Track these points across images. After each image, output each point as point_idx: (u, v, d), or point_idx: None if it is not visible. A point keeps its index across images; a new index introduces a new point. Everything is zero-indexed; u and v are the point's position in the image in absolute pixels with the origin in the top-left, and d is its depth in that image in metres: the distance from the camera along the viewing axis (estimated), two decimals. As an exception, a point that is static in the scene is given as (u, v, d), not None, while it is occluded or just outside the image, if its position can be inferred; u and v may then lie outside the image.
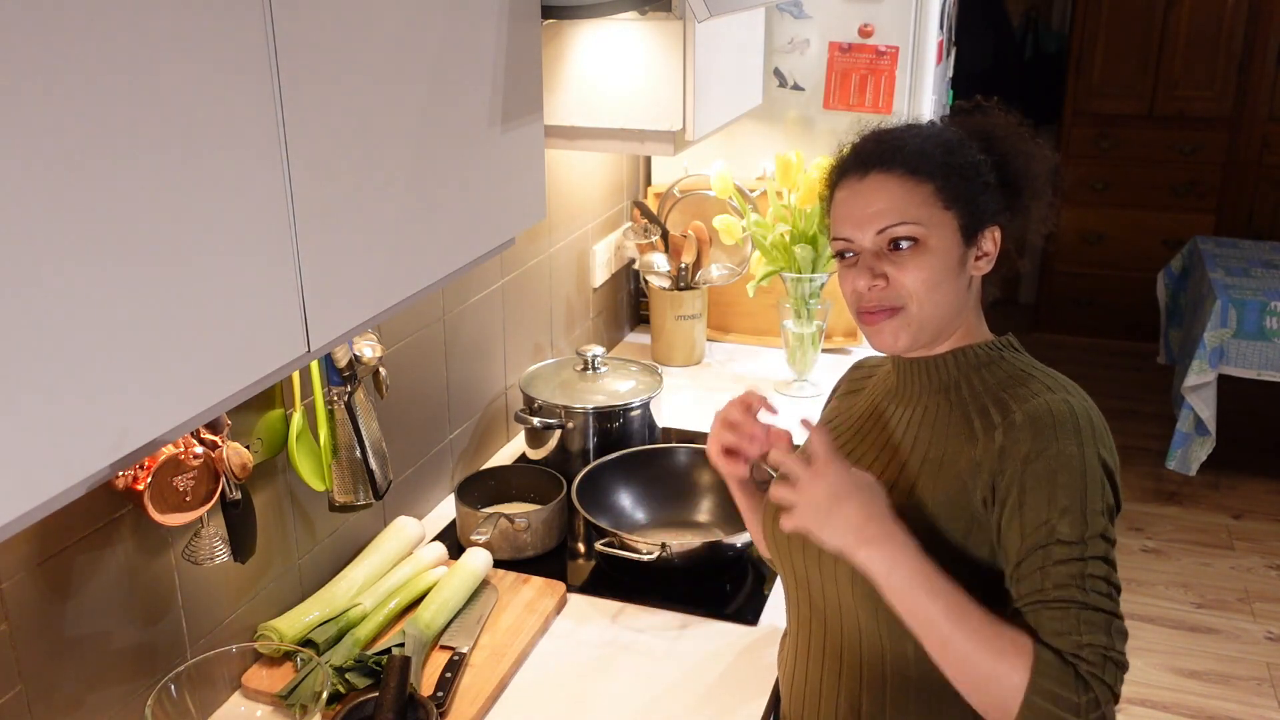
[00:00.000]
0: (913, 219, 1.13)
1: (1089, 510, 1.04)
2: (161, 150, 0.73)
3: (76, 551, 1.16)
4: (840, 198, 1.19)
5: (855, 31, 2.37)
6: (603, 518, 1.70)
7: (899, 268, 1.13)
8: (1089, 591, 1.01)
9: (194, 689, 1.27)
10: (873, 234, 1.14)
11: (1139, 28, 4.69)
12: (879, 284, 1.14)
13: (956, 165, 1.15)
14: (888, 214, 1.13)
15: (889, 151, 1.16)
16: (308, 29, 0.86)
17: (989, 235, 1.17)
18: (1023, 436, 1.07)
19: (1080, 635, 1.00)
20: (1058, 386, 1.12)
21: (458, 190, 1.11)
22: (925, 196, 1.13)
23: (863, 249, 1.15)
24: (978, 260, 1.17)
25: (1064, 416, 1.07)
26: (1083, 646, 0.99)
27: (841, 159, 1.21)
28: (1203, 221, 4.81)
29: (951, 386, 1.17)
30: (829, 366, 2.40)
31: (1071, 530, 1.03)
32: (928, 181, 1.13)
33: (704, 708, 1.38)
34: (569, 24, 1.72)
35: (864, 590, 1.13)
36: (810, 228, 2.22)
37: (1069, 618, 1.00)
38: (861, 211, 1.15)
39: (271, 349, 0.87)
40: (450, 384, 1.87)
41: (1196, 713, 2.83)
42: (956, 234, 1.14)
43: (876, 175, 1.15)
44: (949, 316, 1.16)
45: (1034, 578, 1.03)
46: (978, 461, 1.10)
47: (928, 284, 1.13)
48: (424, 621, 1.46)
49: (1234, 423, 3.93)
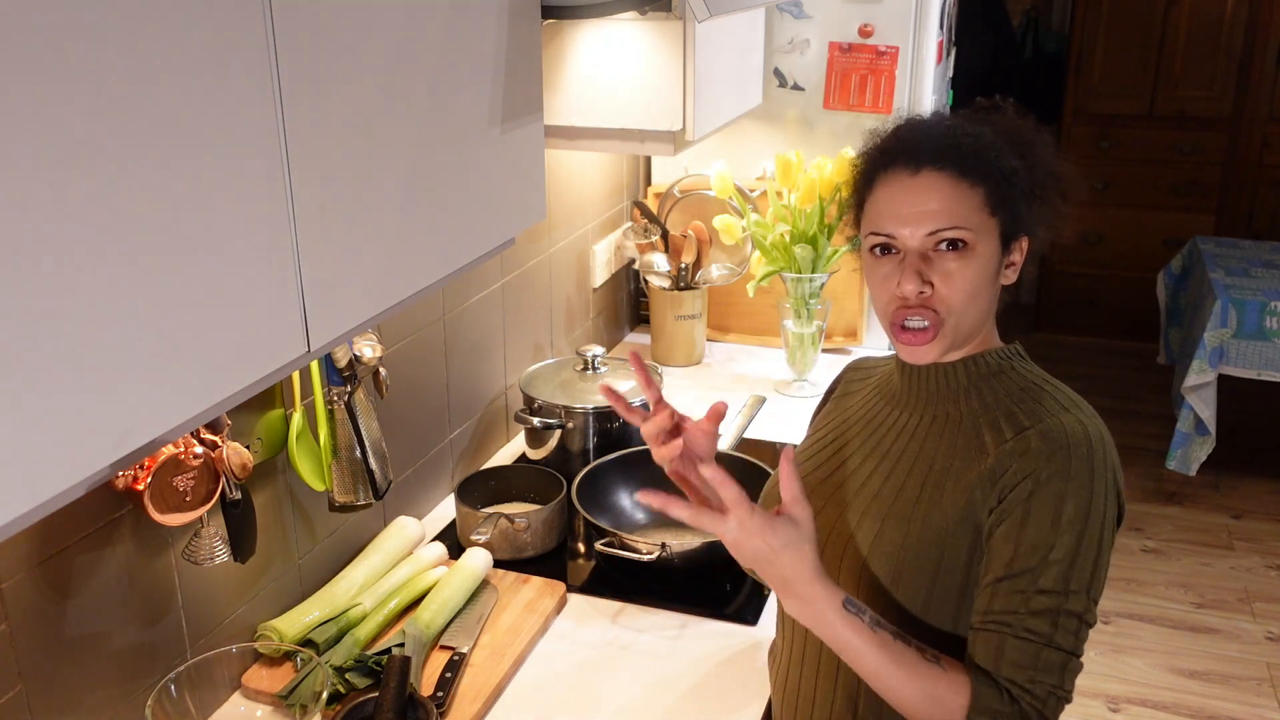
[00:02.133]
0: (965, 223, 1.09)
1: (1082, 555, 1.04)
2: (161, 150, 0.73)
3: (76, 551, 1.16)
4: (885, 193, 1.13)
5: (855, 31, 2.37)
6: (603, 518, 1.70)
7: (946, 275, 1.09)
8: (1059, 629, 1.03)
9: (194, 689, 1.27)
10: (923, 235, 1.09)
11: (1139, 28, 4.69)
12: (927, 290, 1.10)
13: (1004, 170, 1.11)
14: (941, 216, 1.09)
15: (943, 150, 1.11)
16: (308, 28, 0.86)
17: (1018, 245, 1.14)
18: (1037, 458, 1.06)
19: (1035, 671, 1.02)
20: (1070, 405, 1.11)
21: (458, 190, 1.11)
22: (977, 201, 1.09)
23: (907, 248, 1.11)
24: (1007, 269, 1.15)
25: (1079, 441, 1.06)
26: (1035, 682, 1.02)
27: (880, 149, 1.16)
28: (1203, 221, 4.81)
29: (961, 395, 1.15)
30: (829, 366, 2.40)
31: (1061, 568, 1.03)
32: (980, 185, 1.10)
33: (704, 708, 1.38)
34: (569, 24, 1.72)
35: (861, 595, 1.12)
36: (810, 228, 2.22)
37: (1029, 650, 1.03)
38: (912, 209, 1.10)
39: (271, 349, 0.87)
40: (450, 384, 1.87)
41: (1196, 713, 2.83)
42: (998, 241, 1.11)
43: (930, 173, 1.10)
44: (978, 327, 1.14)
45: (1012, 599, 1.04)
46: (988, 476, 1.08)
47: (969, 294, 1.10)
48: (424, 621, 1.46)
49: (1234, 423, 3.93)
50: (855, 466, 1.20)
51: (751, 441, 2.06)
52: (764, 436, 2.11)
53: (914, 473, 1.14)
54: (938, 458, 1.14)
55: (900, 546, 1.11)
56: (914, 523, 1.11)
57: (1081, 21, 4.75)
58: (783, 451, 1.09)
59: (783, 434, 2.13)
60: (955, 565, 1.09)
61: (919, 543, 1.10)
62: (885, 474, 1.17)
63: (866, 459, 1.20)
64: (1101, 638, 3.11)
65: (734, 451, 1.88)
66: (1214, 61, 4.63)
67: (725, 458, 1.84)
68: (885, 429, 1.21)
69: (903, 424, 1.19)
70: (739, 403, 2.15)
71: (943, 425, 1.15)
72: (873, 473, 1.18)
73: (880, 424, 1.22)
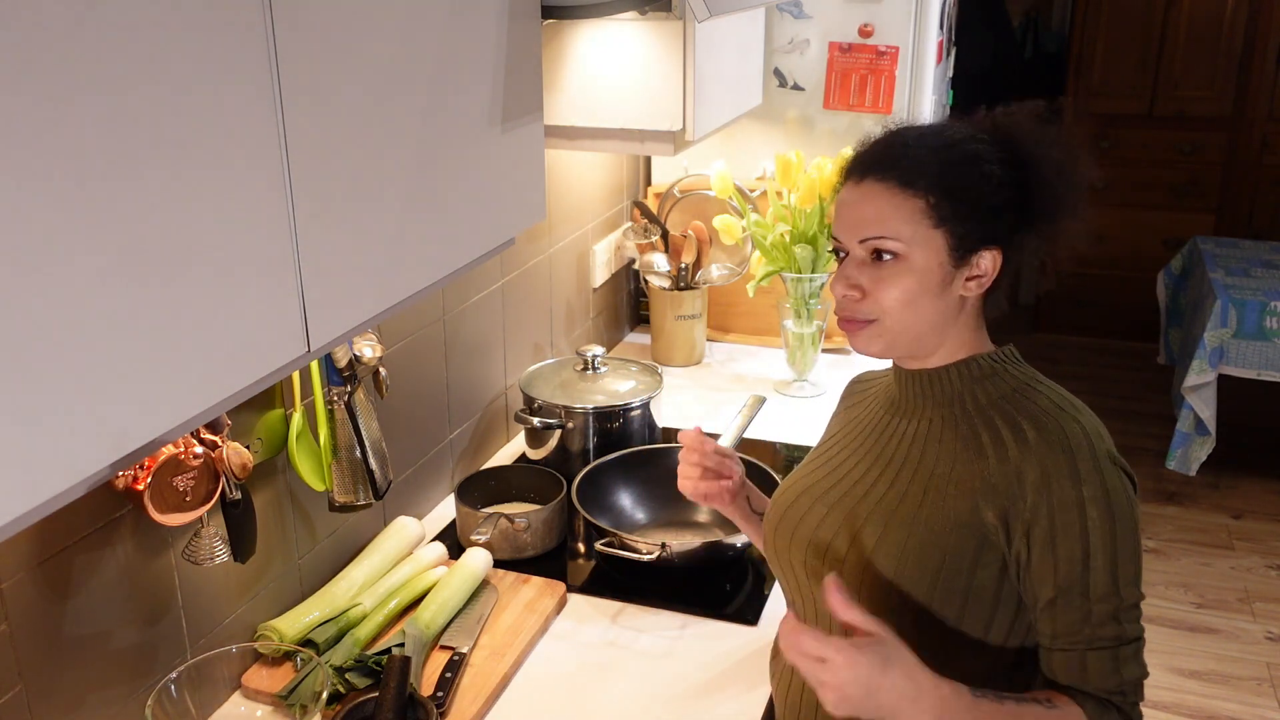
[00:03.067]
0: (894, 234, 1.09)
1: (1120, 550, 1.06)
2: (161, 150, 0.73)
3: (76, 551, 1.16)
4: (839, 198, 1.17)
5: (855, 31, 2.37)
6: (603, 518, 1.70)
7: (876, 281, 1.11)
8: (1124, 625, 1.07)
9: (194, 689, 1.27)
10: (855, 241, 1.12)
11: (1139, 28, 4.69)
12: (853, 294, 1.12)
13: (957, 183, 1.10)
14: (871, 224, 1.11)
15: (889, 159, 1.12)
16: (308, 29, 0.86)
17: (987, 256, 1.11)
18: (1036, 459, 1.07)
19: (1122, 674, 1.07)
20: (1066, 404, 1.11)
21: (457, 190, 1.11)
22: (914, 212, 1.09)
23: (850, 253, 1.14)
24: (969, 281, 1.12)
25: (1079, 441, 1.07)
26: (1124, 683, 1.07)
27: (849, 159, 1.19)
28: (1203, 221, 4.81)
29: (955, 399, 1.16)
30: (829, 366, 2.40)
31: (1106, 572, 1.06)
32: (918, 197, 1.09)
33: (704, 708, 1.38)
34: (569, 24, 1.72)
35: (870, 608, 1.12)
36: (810, 228, 2.22)
37: (1108, 658, 1.07)
38: (850, 216, 1.13)
39: (271, 349, 0.87)
40: (450, 384, 1.87)
41: (1196, 713, 2.83)
42: (944, 253, 1.10)
43: (870, 182, 1.12)
44: (926, 332, 1.14)
45: (1071, 615, 1.07)
46: (989, 480, 1.09)
47: (901, 301, 1.11)
48: (424, 621, 1.46)
49: (1234, 423, 3.93)
50: (860, 475, 1.20)
51: (751, 441, 2.06)
52: (764, 437, 2.11)
53: (916, 478, 1.15)
54: (939, 463, 1.14)
55: (903, 550, 1.11)
56: (916, 526, 1.11)
57: (1081, 21, 4.74)
58: (826, 581, 1.03)
59: (783, 434, 2.13)
60: (959, 568, 1.09)
61: (921, 546, 1.10)
62: (889, 481, 1.17)
63: (871, 467, 1.20)
64: (1101, 638, 3.11)
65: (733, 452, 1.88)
66: (1214, 61, 4.63)
67: (725, 458, 1.84)
68: (887, 436, 1.21)
69: (903, 430, 1.19)
70: (739, 403, 2.15)
71: (940, 429, 1.16)
72: (876, 480, 1.18)
73: (882, 431, 1.22)
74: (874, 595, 1.13)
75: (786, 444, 2.10)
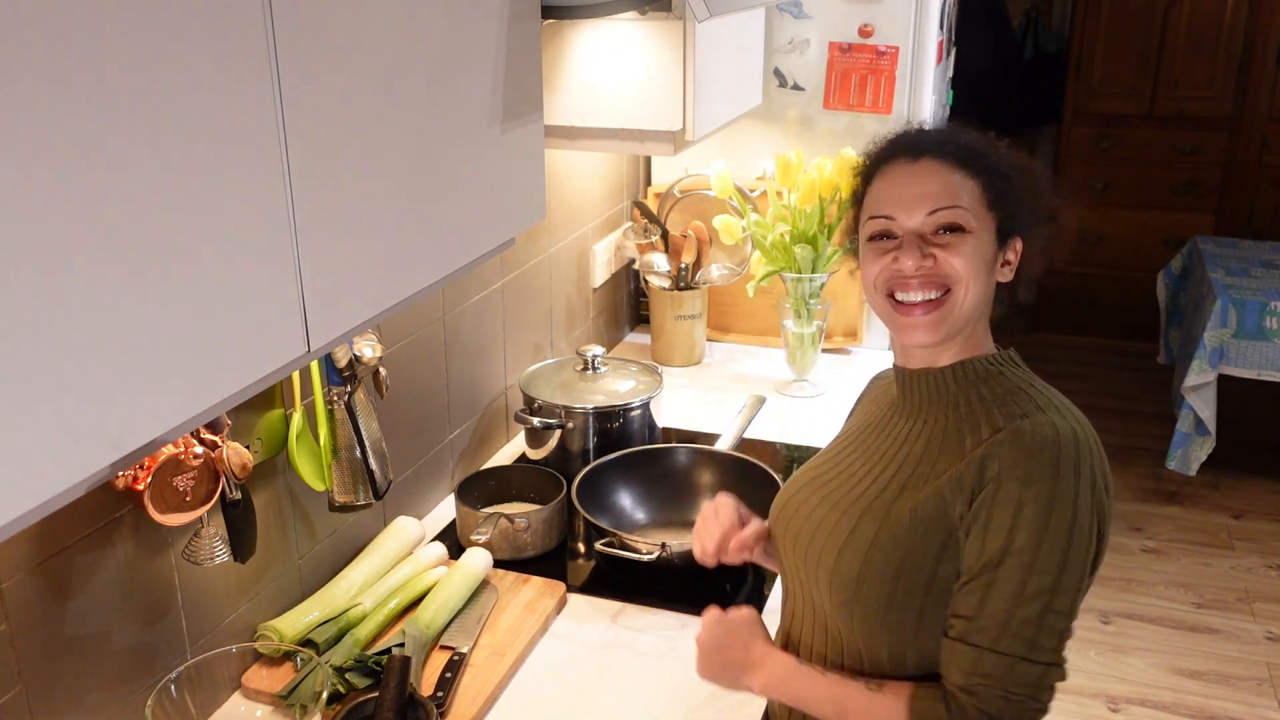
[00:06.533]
0: (967, 206, 1.12)
1: (1043, 558, 1.03)
2: (161, 150, 0.73)
3: (76, 551, 1.16)
4: (884, 181, 1.16)
5: (855, 31, 2.37)
6: (603, 518, 1.70)
7: (947, 250, 1.12)
8: (1007, 635, 1.04)
9: (194, 689, 1.27)
10: (922, 215, 1.12)
11: (1139, 28, 4.69)
12: (928, 263, 1.11)
13: (999, 169, 1.15)
14: (941, 196, 1.12)
15: (941, 142, 1.15)
16: (308, 28, 0.86)
17: (1013, 245, 1.17)
18: (1000, 453, 1.06)
19: (976, 675, 1.04)
20: (1048, 405, 1.11)
21: (458, 190, 1.11)
22: (974, 192, 1.13)
23: (906, 230, 1.13)
24: (1003, 267, 1.17)
25: (1047, 442, 1.05)
26: (977, 684, 1.04)
27: (880, 149, 1.20)
28: (1203, 221, 4.81)
29: (952, 402, 1.16)
30: (829, 366, 2.40)
31: (1018, 573, 1.03)
32: (976, 178, 1.13)
33: (704, 708, 1.38)
34: (569, 24, 1.72)
35: (841, 597, 1.13)
36: (810, 228, 2.22)
37: (970, 655, 1.05)
38: (913, 192, 1.13)
39: (271, 349, 0.87)
40: (450, 384, 1.87)
41: (1196, 713, 2.83)
42: (993, 235, 1.14)
43: (929, 160, 1.14)
44: (976, 315, 1.15)
45: (968, 601, 1.06)
46: (958, 477, 1.09)
47: (971, 270, 1.12)
48: (424, 621, 1.46)
49: (1234, 423, 3.93)
50: (854, 470, 1.22)
51: (751, 441, 2.06)
52: (764, 436, 2.11)
53: (897, 475, 1.16)
54: (921, 461, 1.15)
55: (871, 543, 1.12)
56: (887, 519, 1.12)
57: (1081, 21, 4.74)
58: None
59: (783, 434, 2.13)
60: (921, 563, 1.10)
61: (889, 540, 1.11)
62: (874, 476, 1.18)
63: (864, 463, 1.21)
64: (1101, 638, 3.11)
65: (734, 452, 1.88)
66: (1214, 62, 4.63)
67: (725, 458, 1.85)
68: (885, 435, 1.22)
69: (901, 430, 1.20)
70: (739, 403, 2.15)
71: (931, 429, 1.16)
72: (864, 475, 1.20)
73: (882, 430, 1.23)
74: (842, 584, 1.14)
75: (786, 444, 2.10)
